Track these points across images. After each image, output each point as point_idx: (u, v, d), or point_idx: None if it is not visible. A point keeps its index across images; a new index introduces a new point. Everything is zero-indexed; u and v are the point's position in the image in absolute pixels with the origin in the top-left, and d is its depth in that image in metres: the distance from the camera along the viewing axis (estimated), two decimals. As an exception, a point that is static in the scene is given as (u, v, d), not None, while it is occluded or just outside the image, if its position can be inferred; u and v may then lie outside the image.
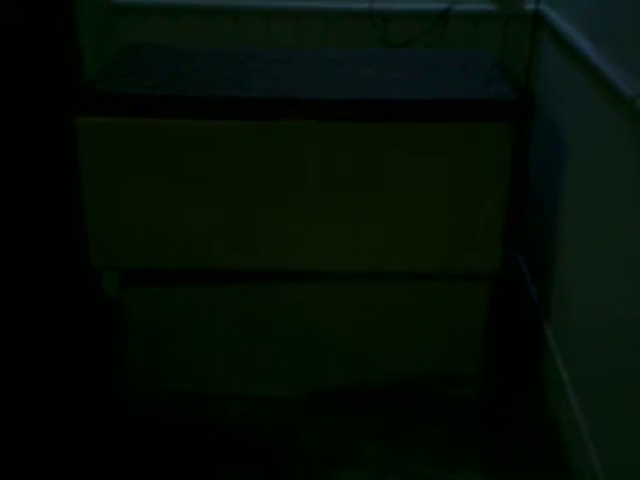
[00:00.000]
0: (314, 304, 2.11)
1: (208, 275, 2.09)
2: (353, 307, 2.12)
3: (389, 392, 2.18)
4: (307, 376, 2.17)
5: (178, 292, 2.11)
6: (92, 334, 2.37)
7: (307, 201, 1.97)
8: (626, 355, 1.64)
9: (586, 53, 1.89)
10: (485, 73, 2.11)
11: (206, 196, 1.98)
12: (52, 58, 2.28)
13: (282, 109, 1.92)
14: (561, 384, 2.04)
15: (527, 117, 2.47)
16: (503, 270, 2.03)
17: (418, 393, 2.17)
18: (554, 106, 2.26)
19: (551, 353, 2.15)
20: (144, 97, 1.94)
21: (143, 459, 1.98)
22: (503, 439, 2.05)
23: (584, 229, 1.94)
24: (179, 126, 1.93)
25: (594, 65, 1.82)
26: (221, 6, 2.44)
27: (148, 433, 2.05)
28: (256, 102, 1.93)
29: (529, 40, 2.41)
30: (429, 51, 2.35)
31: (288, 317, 2.12)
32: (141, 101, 1.93)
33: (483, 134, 1.92)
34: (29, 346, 2.16)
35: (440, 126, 1.92)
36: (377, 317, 2.12)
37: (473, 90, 2.00)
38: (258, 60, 2.18)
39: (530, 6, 2.39)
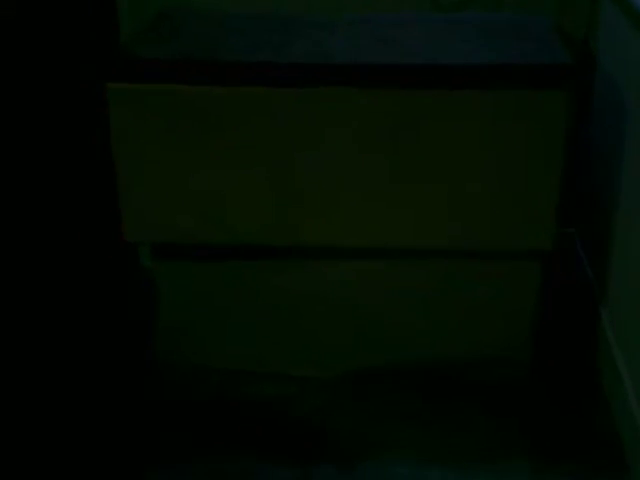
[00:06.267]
0: (352, 283, 2.04)
1: (242, 250, 2.03)
2: (394, 286, 2.04)
3: (430, 375, 2.10)
4: (344, 357, 2.11)
5: (211, 267, 2.07)
6: (126, 306, 2.35)
7: (347, 173, 1.90)
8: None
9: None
10: (540, 38, 2.03)
11: (241, 167, 1.91)
12: (89, 21, 2.24)
13: (321, 75, 1.85)
14: (617, 374, 1.93)
15: (585, 83, 2.36)
16: (556, 247, 1.94)
17: (461, 378, 2.09)
18: (616, 72, 2.14)
19: (607, 340, 2.04)
20: (177, 63, 1.88)
21: (173, 435, 1.94)
22: (553, 430, 1.94)
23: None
24: (215, 93, 1.86)
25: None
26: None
27: (178, 409, 2.02)
28: (294, 68, 1.86)
29: (588, 3, 2.30)
30: (481, 15, 2.27)
31: (325, 295, 2.06)
32: (174, 67, 1.87)
33: (536, 101, 1.83)
34: (63, 318, 2.13)
35: (491, 93, 1.84)
36: (419, 297, 2.05)
37: (526, 55, 1.92)
38: (298, 24, 2.12)
39: (590, -34, 2.27)
